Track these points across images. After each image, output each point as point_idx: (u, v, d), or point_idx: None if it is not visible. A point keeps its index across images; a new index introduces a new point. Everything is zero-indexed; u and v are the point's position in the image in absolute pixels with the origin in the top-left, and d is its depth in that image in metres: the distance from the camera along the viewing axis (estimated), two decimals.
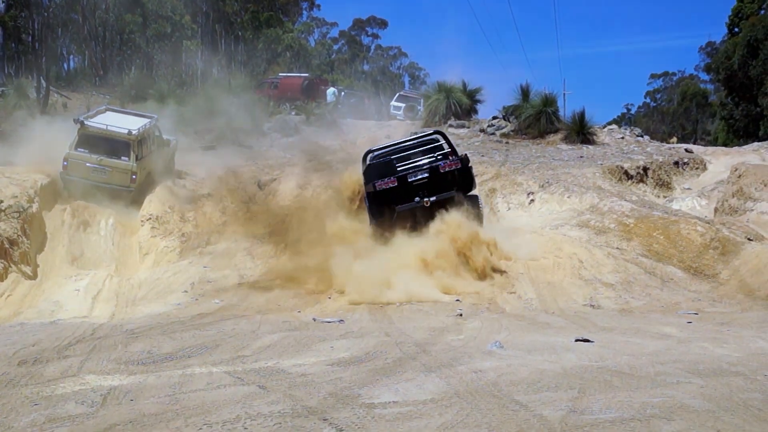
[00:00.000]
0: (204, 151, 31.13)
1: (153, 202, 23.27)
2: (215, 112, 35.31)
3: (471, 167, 20.25)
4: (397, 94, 53.58)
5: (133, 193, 23.23)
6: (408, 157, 20.14)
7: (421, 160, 19.99)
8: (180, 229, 22.60)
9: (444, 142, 20.72)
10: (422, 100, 42.58)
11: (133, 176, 23.04)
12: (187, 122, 32.64)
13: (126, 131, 22.99)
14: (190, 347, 10.71)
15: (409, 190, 19.41)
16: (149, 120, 24.99)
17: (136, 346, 10.85)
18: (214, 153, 30.96)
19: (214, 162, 28.65)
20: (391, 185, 19.40)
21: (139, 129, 23.35)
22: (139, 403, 7.73)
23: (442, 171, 19.45)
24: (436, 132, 21.86)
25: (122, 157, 23.02)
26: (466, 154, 20.13)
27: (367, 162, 20.51)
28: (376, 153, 20.89)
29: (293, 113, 42.21)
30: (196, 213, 23.74)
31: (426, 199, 19.25)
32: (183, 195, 24.73)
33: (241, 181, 26.91)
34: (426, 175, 19.45)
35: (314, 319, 13.98)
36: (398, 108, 48.51)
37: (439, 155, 19.94)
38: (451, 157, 19.73)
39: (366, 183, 19.98)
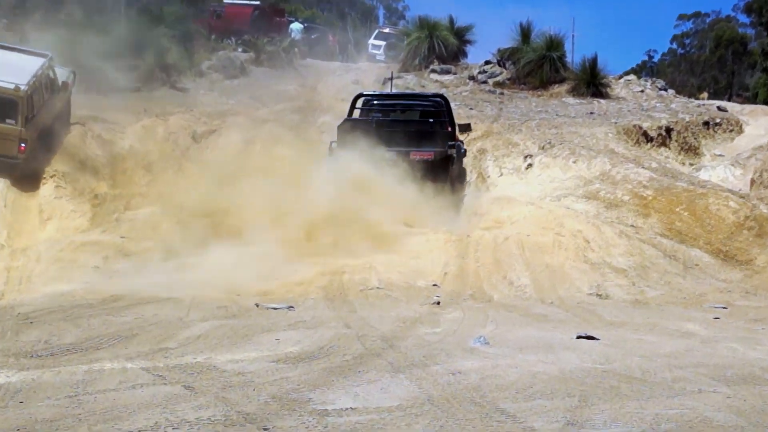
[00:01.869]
0: (127, 93, 30.83)
1: (58, 155, 22.89)
2: (142, 45, 34.92)
3: (452, 157, 21.71)
4: (376, 30, 53.53)
5: (23, 164, 21.52)
6: (394, 125, 21.93)
7: (405, 132, 21.68)
8: (92, 189, 22.33)
9: (444, 110, 22.31)
10: (406, 39, 42.56)
11: (22, 144, 21.41)
12: (107, 57, 32.25)
13: (11, 85, 21.71)
14: (100, 337, 10.62)
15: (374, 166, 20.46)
16: (42, 61, 23.21)
17: (31, 335, 10.76)
18: (139, 96, 30.68)
19: (139, 107, 28.39)
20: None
21: (28, 81, 21.72)
22: (30, 406, 7.59)
23: (411, 158, 20.99)
24: (439, 96, 23.45)
25: (6, 120, 21.61)
26: (458, 145, 21.01)
27: (353, 112, 22.43)
28: (369, 101, 22.88)
29: (240, 50, 41.84)
30: (114, 170, 23.50)
31: None
32: (98, 147, 24.45)
33: (172, 132, 26.69)
34: (395, 157, 20.81)
35: (257, 305, 13.92)
36: (377, 47, 48.48)
37: (429, 129, 21.70)
38: (427, 148, 21.31)
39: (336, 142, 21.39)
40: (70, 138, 23.97)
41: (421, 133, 21.70)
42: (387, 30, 53.26)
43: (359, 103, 23.08)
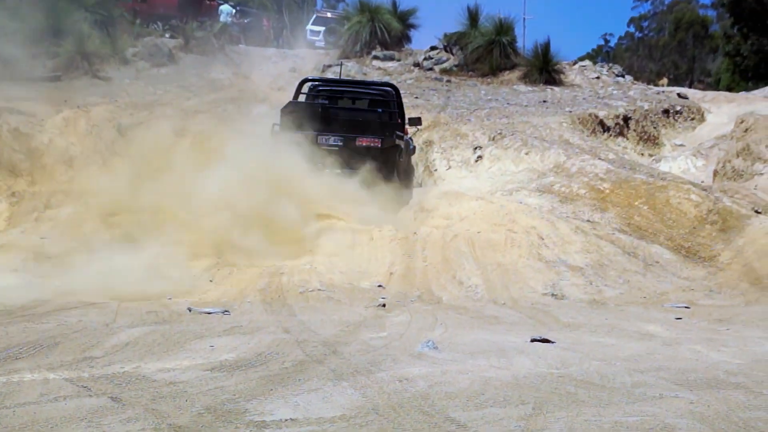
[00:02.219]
0: (45, 82, 30.55)
1: None
2: (61, 31, 34.64)
3: (401, 148, 22.19)
4: (314, 15, 53.55)
5: None
6: (341, 112, 22.48)
7: (352, 119, 22.14)
8: (9, 186, 22.15)
9: (395, 100, 22.81)
10: (346, 23, 42.57)
11: None
12: (22, 43, 31.95)
13: None
14: (19, 346, 10.50)
15: (315, 152, 21.13)
16: None
17: None
18: (58, 85, 30.44)
19: (59, 97, 28.15)
20: (297, 140, 21.02)
21: None
22: None
23: (357, 144, 21.47)
24: (389, 85, 23.93)
25: None
26: (408, 140, 21.74)
27: (299, 96, 22.88)
28: (315, 87, 23.27)
29: (167, 36, 41.64)
30: (32, 165, 23.31)
31: (327, 171, 20.97)
32: (15, 141, 24.24)
33: (95, 125, 26.49)
34: (339, 143, 21.49)
35: (190, 309, 13.84)
36: (316, 32, 48.56)
37: (377, 117, 22.06)
38: (375, 133, 21.68)
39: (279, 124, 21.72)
40: None
41: (368, 122, 21.94)
42: (327, 14, 53.23)
43: (305, 88, 23.29)
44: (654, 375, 9.19)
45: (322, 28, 48.59)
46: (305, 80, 23.90)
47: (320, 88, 23.34)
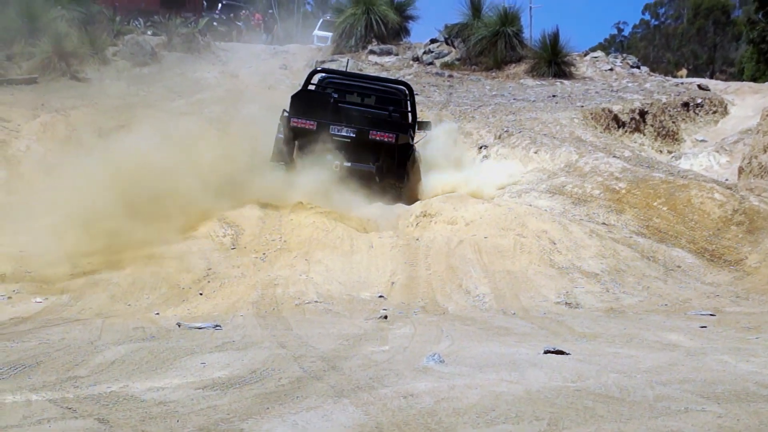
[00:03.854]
0: (21, 85, 30.61)
1: None
2: (37, 29, 34.70)
3: (413, 148, 22.73)
4: (321, 20, 53.66)
5: None
6: (354, 105, 22.74)
7: (361, 112, 22.29)
8: None
9: (408, 99, 23.35)
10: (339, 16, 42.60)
11: None
12: None
13: None
14: (0, 366, 10.54)
15: (325, 143, 21.37)
16: None
17: None
18: (35, 88, 30.47)
19: (36, 101, 28.19)
20: (308, 127, 21.45)
21: None
22: None
23: (370, 138, 21.50)
24: (403, 84, 24.25)
25: None
26: (412, 146, 22.56)
27: (308, 86, 23.08)
28: (325, 79, 23.74)
29: (149, 33, 41.70)
30: (10, 173, 23.35)
31: (336, 163, 21.33)
32: None
33: (75, 129, 26.52)
34: (352, 135, 21.58)
35: (179, 324, 13.86)
36: (324, 39, 48.44)
37: (388, 115, 22.08)
38: (388, 128, 21.70)
39: (288, 111, 21.97)
40: None
41: (380, 118, 22.08)
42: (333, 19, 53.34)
43: (314, 80, 23.64)
44: (678, 388, 9.19)
45: (329, 34, 48.56)
46: (315, 71, 24.42)
47: (331, 80, 23.74)
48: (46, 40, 33.90)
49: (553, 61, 33.38)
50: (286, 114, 21.96)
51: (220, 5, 50.10)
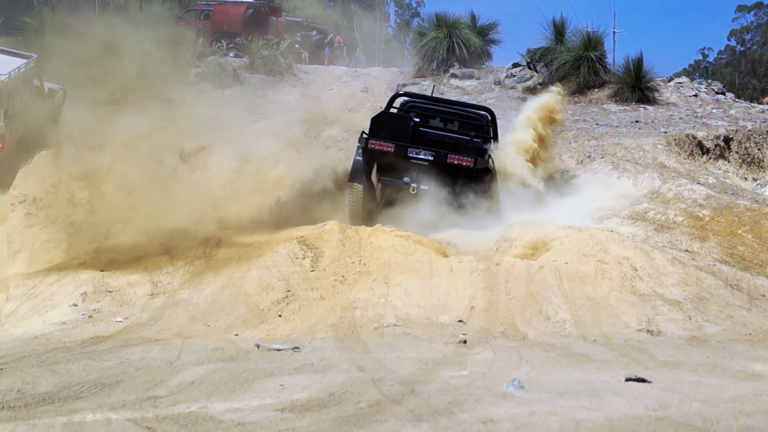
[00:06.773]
0: (104, 106, 30.91)
1: (29, 178, 22.87)
2: (121, 51, 35.05)
3: (493, 173, 22.63)
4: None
5: None
6: (434, 129, 22.88)
7: (442, 136, 22.55)
8: (68, 216, 22.31)
9: (491, 126, 23.55)
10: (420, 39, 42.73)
11: None
12: (81, 65, 32.39)
13: None
14: (80, 384, 10.62)
15: (403, 165, 21.73)
16: (24, 61, 24.31)
17: (1, 383, 10.76)
18: (118, 109, 30.77)
19: (119, 122, 28.45)
20: (386, 149, 21.58)
21: (9, 74, 22.68)
22: None
23: (448, 161, 21.58)
24: (486, 109, 24.49)
25: None
26: (492, 170, 22.37)
27: (390, 108, 23.48)
28: (408, 103, 24.09)
29: (231, 55, 42.09)
30: (91, 193, 23.52)
31: (413, 185, 21.56)
32: (73, 168, 24.48)
33: (157, 150, 26.74)
34: (430, 158, 21.63)
35: (258, 346, 13.93)
36: None
37: (469, 140, 22.21)
38: (467, 152, 21.84)
39: (367, 133, 22.11)
40: (42, 157, 24.02)
41: (460, 142, 22.22)
42: None
43: (397, 103, 23.90)
44: (763, 418, 9.08)
45: None
46: (398, 94, 24.80)
47: (413, 104, 23.92)
48: (129, 61, 34.25)
49: (636, 87, 33.25)
50: (365, 136, 22.06)
51: (299, 34, 50.28)
